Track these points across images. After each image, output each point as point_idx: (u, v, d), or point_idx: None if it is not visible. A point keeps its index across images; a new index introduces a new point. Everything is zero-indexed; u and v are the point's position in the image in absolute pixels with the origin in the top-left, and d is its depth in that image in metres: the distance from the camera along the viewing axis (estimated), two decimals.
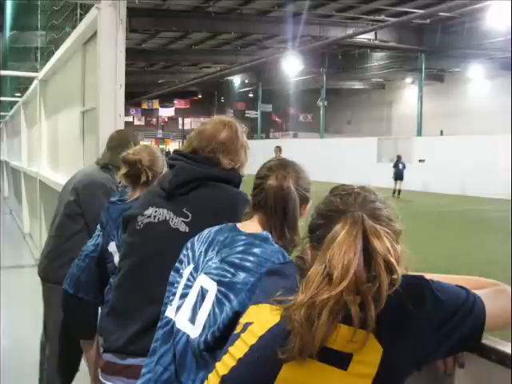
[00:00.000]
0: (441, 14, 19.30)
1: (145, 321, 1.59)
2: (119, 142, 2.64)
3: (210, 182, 1.67)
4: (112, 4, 3.14)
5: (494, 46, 21.79)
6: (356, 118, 38.61)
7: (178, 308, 1.33)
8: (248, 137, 1.82)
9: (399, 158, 19.70)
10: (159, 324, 1.38)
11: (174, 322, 1.33)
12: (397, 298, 0.96)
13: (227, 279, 1.27)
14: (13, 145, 12.48)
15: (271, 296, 1.05)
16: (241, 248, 1.30)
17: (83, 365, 2.75)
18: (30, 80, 7.90)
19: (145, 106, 42.00)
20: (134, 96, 37.41)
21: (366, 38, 22.32)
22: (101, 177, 2.69)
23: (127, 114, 37.67)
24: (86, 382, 2.44)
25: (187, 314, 1.30)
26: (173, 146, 40.19)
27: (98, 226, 2.19)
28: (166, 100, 41.63)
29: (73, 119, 4.52)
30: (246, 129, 1.82)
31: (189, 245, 1.43)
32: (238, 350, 1.05)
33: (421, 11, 19.11)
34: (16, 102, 11.18)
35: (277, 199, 1.36)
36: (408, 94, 34.72)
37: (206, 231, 1.42)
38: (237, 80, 35.93)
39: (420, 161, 22.04)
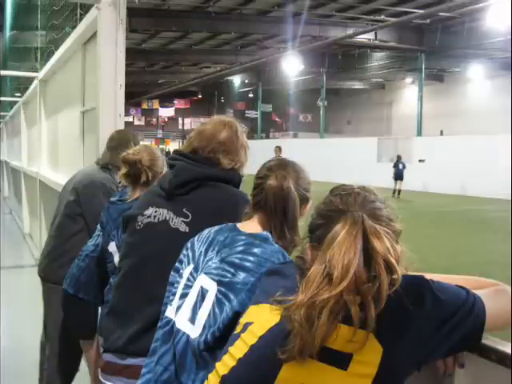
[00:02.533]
0: (441, 13, 19.29)
1: (145, 321, 1.59)
2: (119, 141, 2.64)
3: (210, 182, 1.67)
4: (112, 4, 3.13)
5: (494, 46, 21.78)
6: (356, 117, 38.58)
7: (178, 308, 1.33)
8: (248, 137, 1.82)
9: (399, 158, 19.70)
10: (159, 324, 1.38)
11: (174, 322, 1.33)
12: (397, 298, 0.96)
13: (227, 279, 1.27)
14: (13, 145, 12.47)
15: (271, 296, 1.05)
16: (241, 248, 1.30)
17: (83, 365, 2.75)
18: (30, 80, 7.89)
19: (145, 105, 41.95)
20: (134, 96, 37.40)
21: (365, 37, 22.31)
22: (101, 177, 2.69)
23: (127, 114, 37.65)
24: (85, 382, 2.44)
25: (187, 313, 1.30)
26: (173, 146, 40.19)
27: (98, 226, 2.19)
28: (166, 100, 41.60)
29: (73, 119, 4.52)
30: (246, 129, 1.82)
31: (189, 245, 1.43)
32: (238, 349, 1.05)
33: (421, 11, 19.10)
34: (16, 102, 11.18)
35: (277, 199, 1.36)
36: (408, 93, 34.70)
37: (205, 231, 1.42)
38: (237, 80, 35.92)
39: (420, 161, 22.03)
